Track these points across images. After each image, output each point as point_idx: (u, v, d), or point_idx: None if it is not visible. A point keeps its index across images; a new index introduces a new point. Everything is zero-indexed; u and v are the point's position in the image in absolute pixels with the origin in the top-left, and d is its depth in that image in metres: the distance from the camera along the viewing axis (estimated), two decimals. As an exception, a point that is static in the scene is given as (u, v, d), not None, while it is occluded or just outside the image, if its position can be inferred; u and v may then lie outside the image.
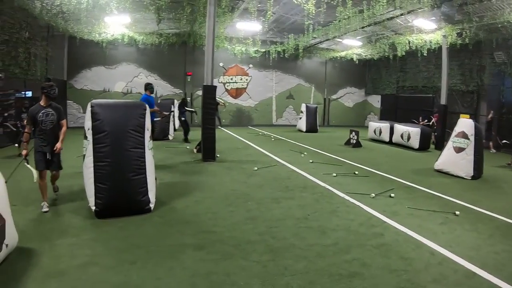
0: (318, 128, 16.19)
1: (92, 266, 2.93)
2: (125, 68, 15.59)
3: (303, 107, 16.00)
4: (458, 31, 11.34)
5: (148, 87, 7.03)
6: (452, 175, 7.34)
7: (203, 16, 10.38)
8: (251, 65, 18.05)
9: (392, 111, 18.39)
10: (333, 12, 10.27)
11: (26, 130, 4.29)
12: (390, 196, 5.53)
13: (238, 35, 15.56)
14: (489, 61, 13.44)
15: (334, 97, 20.95)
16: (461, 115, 13.93)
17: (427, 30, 12.31)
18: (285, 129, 16.46)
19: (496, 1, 8.98)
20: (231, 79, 17.89)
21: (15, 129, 8.75)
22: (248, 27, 13.26)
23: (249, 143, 11.42)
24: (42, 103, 4.22)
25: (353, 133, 11.73)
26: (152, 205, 4.36)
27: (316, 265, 3.15)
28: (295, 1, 9.30)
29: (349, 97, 21.57)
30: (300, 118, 16.18)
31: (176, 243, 3.51)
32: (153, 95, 7.38)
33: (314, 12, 9.02)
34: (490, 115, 11.62)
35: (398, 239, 3.79)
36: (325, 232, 3.94)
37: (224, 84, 17.74)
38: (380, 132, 13.11)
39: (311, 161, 8.38)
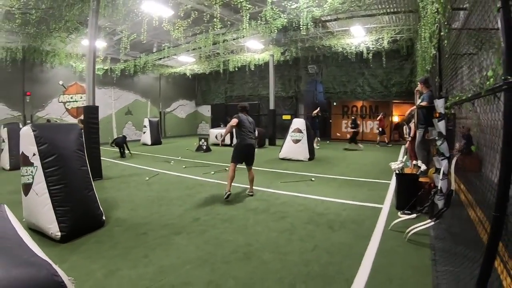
0: (161, 140, 17.53)
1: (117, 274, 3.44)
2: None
3: (146, 122, 16.97)
4: (282, 51, 15.39)
5: None
6: (294, 160, 10.60)
7: (57, 31, 9.73)
8: None
9: (223, 119, 20.58)
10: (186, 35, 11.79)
11: None
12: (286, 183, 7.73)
13: (78, 51, 14.74)
14: (304, 72, 18.78)
15: (168, 110, 22.72)
16: (283, 116, 18.82)
17: (256, 50, 15.70)
18: (130, 145, 16.69)
19: (315, 31, 12.32)
20: (71, 97, 16.93)
21: None
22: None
23: (113, 160, 11.37)
24: None
25: (202, 140, 13.75)
26: (104, 217, 4.70)
27: (267, 238, 4.81)
28: (164, 28, 10.26)
29: (181, 109, 23.82)
30: (144, 132, 17.05)
31: (166, 234, 4.22)
32: None
33: (181, 37, 10.38)
34: (315, 111, 13.89)
35: (291, 199, 5.96)
36: (248, 209, 5.53)
37: (65, 103, 16.64)
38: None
39: (184, 166, 9.60)
